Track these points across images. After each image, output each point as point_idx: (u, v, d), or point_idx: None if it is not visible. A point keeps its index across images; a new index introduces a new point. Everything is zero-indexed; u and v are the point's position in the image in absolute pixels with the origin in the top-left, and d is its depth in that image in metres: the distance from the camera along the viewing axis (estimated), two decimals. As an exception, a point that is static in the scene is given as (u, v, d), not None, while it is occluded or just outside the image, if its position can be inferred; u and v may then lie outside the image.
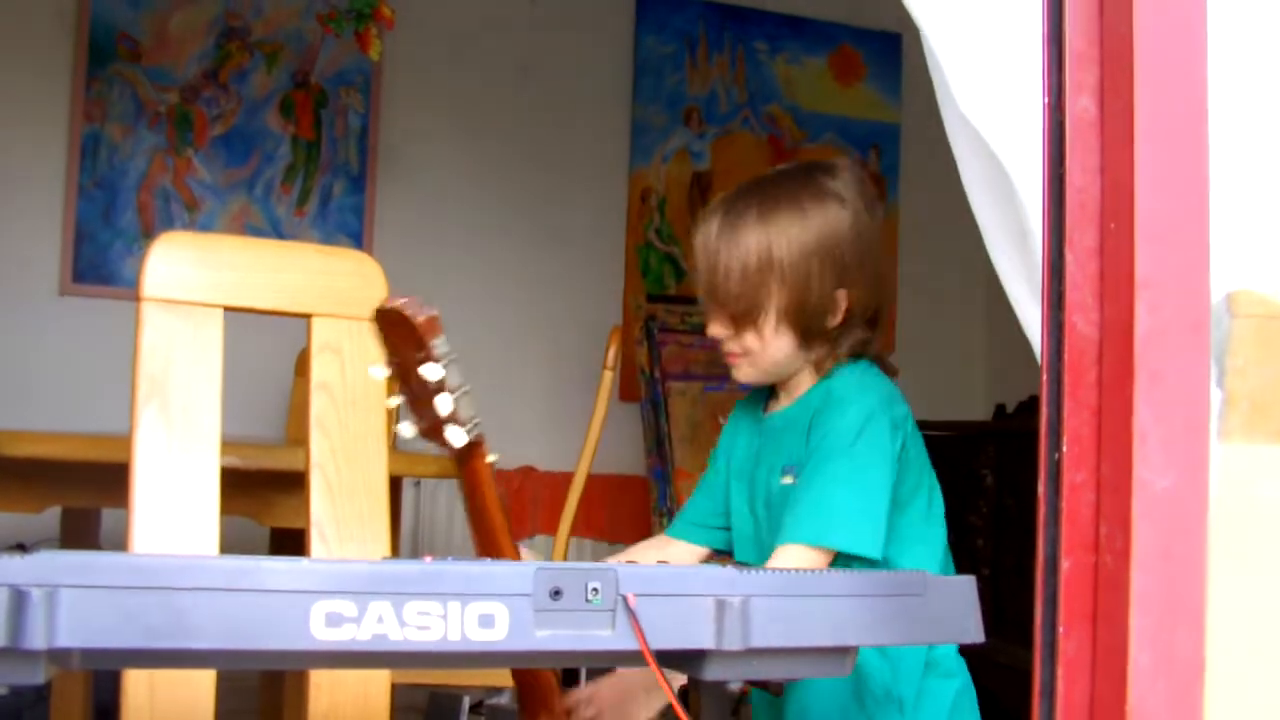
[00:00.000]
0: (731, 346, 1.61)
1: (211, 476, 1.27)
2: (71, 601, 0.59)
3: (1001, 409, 3.72)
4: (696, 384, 4.04)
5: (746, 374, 1.63)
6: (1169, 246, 0.73)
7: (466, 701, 2.74)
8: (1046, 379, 0.75)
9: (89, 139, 3.92)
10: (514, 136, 4.36)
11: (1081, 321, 0.75)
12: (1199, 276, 0.74)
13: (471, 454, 1.22)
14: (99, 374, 3.50)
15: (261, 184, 4.12)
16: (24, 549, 0.60)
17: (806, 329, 1.56)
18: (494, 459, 1.24)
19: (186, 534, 1.24)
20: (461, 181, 4.30)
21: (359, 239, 4.16)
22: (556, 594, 0.67)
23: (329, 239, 4.11)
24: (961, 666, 1.60)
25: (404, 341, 1.13)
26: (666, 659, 0.69)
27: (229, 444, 1.31)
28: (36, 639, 0.58)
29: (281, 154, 4.14)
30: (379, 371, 1.17)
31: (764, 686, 1.04)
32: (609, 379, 2.34)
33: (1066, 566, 0.72)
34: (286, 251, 1.41)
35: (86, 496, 2.33)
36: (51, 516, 2.47)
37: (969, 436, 3.53)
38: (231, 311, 1.32)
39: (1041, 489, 0.73)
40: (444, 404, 1.15)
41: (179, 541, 1.23)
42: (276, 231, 4.10)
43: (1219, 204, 0.76)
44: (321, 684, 1.30)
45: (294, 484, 1.41)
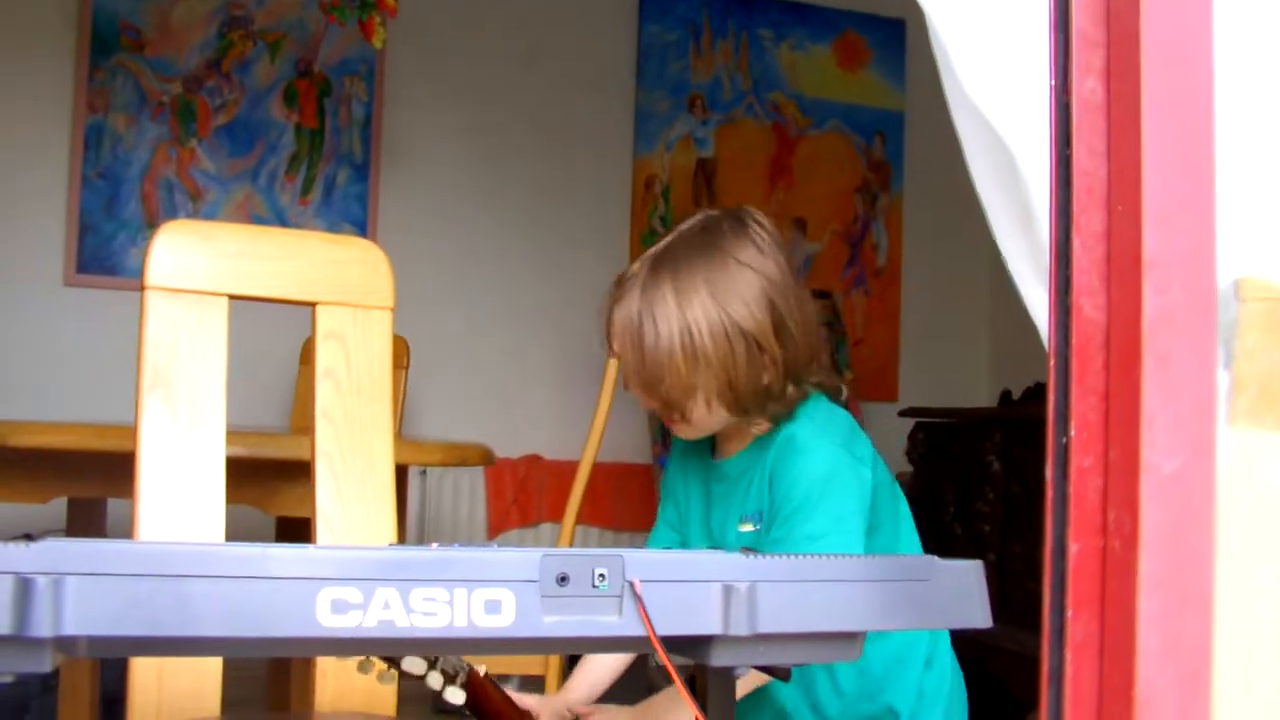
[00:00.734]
0: (667, 416, 1.55)
1: (217, 465, 1.27)
2: (77, 589, 0.59)
3: (1007, 395, 3.71)
4: (701, 372, 4.02)
5: (687, 435, 1.58)
6: (1176, 229, 0.73)
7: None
8: (1054, 363, 0.74)
9: (92, 130, 3.92)
10: (518, 124, 4.35)
11: (1089, 305, 0.74)
12: (1206, 259, 0.74)
13: (471, 685, 1.29)
14: (103, 364, 3.51)
15: (265, 173, 4.11)
16: (30, 539, 0.60)
17: (738, 400, 1.49)
18: (483, 670, 1.32)
19: (192, 523, 1.24)
20: (466, 169, 4.29)
21: (363, 228, 4.16)
22: (563, 580, 0.67)
23: (333, 228, 4.11)
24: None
25: None
26: (673, 645, 0.69)
27: (234, 433, 1.31)
28: (42, 627, 0.58)
29: (285, 143, 4.14)
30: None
31: (771, 672, 1.03)
32: (614, 367, 2.33)
33: (1074, 550, 0.71)
34: (291, 239, 1.41)
35: (92, 487, 2.33)
36: (57, 507, 2.48)
37: (975, 423, 3.52)
38: (236, 300, 1.32)
39: (1049, 473, 0.73)
40: (434, 681, 1.23)
41: (185, 531, 1.23)
42: (281, 221, 4.09)
43: (1226, 191, 0.75)
44: (328, 672, 1.30)
45: (299, 473, 1.41)
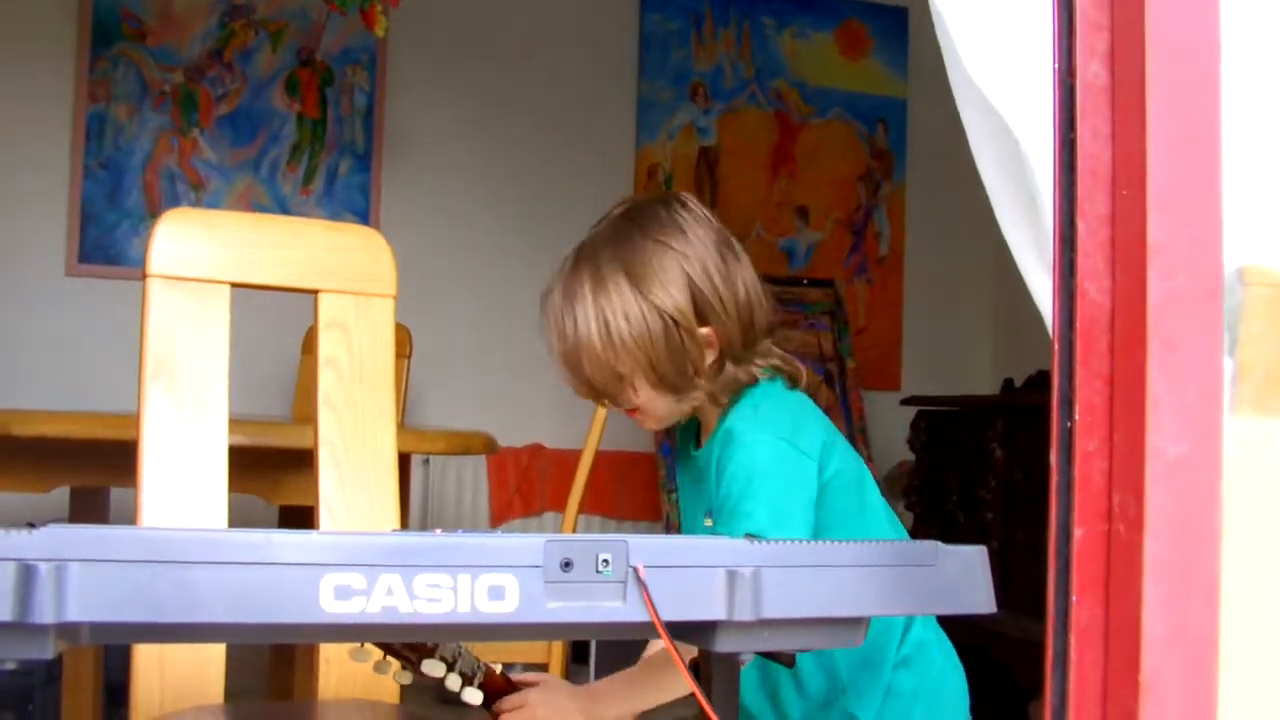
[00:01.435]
0: (608, 404, 1.54)
1: (220, 454, 1.27)
2: (80, 576, 0.58)
3: (1010, 383, 3.70)
4: (704, 360, 4.02)
5: (651, 425, 1.56)
6: (1181, 213, 0.73)
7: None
8: (1058, 347, 0.74)
9: (94, 119, 3.92)
10: (520, 113, 4.35)
11: (1093, 289, 0.74)
12: (1212, 243, 0.74)
13: (489, 682, 1.31)
14: (106, 354, 3.51)
15: (267, 163, 4.11)
16: (33, 528, 0.59)
17: (675, 384, 1.46)
18: (499, 667, 1.34)
19: (195, 512, 1.24)
20: (468, 159, 4.29)
21: (365, 217, 4.16)
22: (567, 565, 0.67)
23: (335, 218, 4.10)
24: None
25: (404, 645, 1.20)
26: (677, 630, 0.69)
27: (236, 421, 1.31)
28: (45, 613, 0.57)
29: (287, 133, 4.13)
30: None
31: (775, 658, 1.03)
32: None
33: (1079, 535, 0.71)
34: (293, 227, 1.41)
35: (95, 476, 2.33)
36: (60, 496, 2.48)
37: (977, 411, 3.52)
38: (238, 288, 1.32)
39: (1054, 458, 0.73)
40: (453, 683, 1.24)
41: (188, 519, 1.23)
42: (283, 210, 4.09)
43: (1231, 179, 0.75)
44: (331, 659, 1.30)
45: (302, 461, 1.41)
